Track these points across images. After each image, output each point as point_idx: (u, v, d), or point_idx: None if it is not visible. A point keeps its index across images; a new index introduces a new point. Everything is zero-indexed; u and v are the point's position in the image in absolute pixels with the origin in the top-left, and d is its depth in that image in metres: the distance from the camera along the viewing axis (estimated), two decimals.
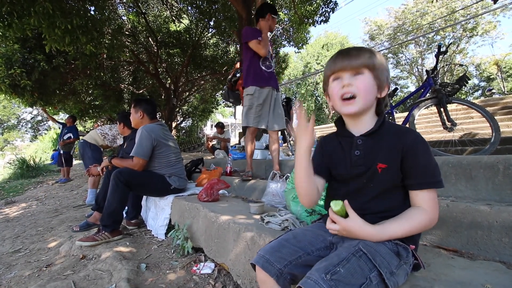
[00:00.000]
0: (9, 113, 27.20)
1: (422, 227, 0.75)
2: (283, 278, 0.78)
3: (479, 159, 1.30)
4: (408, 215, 0.76)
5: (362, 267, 0.67)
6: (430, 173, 0.76)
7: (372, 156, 0.82)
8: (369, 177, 0.82)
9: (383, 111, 0.87)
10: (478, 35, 17.89)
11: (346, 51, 0.83)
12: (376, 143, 0.83)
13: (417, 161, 0.77)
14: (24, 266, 1.85)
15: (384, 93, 0.83)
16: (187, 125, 20.90)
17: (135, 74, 11.24)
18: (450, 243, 1.09)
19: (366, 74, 0.80)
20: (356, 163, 0.84)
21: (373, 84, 0.81)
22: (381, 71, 0.81)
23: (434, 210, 0.76)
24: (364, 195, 0.83)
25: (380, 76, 0.81)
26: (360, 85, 0.80)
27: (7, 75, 5.07)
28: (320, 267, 0.67)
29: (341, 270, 0.64)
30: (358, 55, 0.80)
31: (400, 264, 0.72)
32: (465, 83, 2.55)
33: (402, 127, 0.84)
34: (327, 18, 7.96)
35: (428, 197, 0.76)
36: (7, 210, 4.00)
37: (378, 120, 0.84)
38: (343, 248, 0.73)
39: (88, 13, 4.55)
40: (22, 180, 7.04)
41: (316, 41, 27.72)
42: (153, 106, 2.46)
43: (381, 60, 0.82)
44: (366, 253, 0.69)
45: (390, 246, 0.73)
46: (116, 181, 2.03)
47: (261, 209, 1.63)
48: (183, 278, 1.50)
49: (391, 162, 0.79)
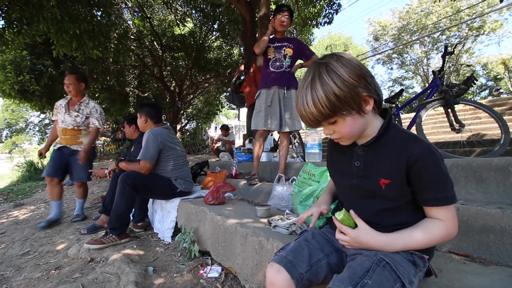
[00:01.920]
0: (17, 117, 27.72)
1: (439, 239, 0.70)
2: (302, 285, 0.75)
3: (489, 161, 1.28)
4: (424, 227, 0.71)
5: (388, 278, 0.64)
6: (443, 188, 0.69)
7: (373, 169, 0.76)
8: (373, 192, 0.76)
9: (388, 111, 0.78)
10: (484, 34, 17.68)
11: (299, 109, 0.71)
12: (378, 154, 0.75)
13: (425, 176, 0.69)
14: (33, 269, 1.87)
15: (369, 106, 0.70)
16: (192, 128, 21.02)
17: (140, 78, 11.38)
18: (462, 248, 1.07)
19: (339, 121, 0.70)
20: (356, 174, 0.79)
21: (352, 120, 0.70)
22: (347, 98, 0.66)
23: (451, 222, 0.70)
24: (370, 208, 0.77)
25: (350, 103, 0.67)
26: (340, 130, 0.72)
27: (16, 81, 5.17)
28: (344, 277, 0.64)
29: (369, 282, 0.62)
30: (312, 113, 0.68)
31: (416, 273, 0.70)
32: (473, 83, 2.52)
33: (410, 135, 0.74)
34: (331, 19, 7.97)
35: (443, 212, 0.70)
36: (16, 212, 4.06)
37: (381, 126, 0.75)
38: (365, 257, 0.70)
39: (95, 18, 4.63)
40: (30, 183, 7.14)
41: (319, 43, 27.70)
42: (157, 110, 2.46)
43: (339, 87, 0.65)
44: (389, 263, 0.66)
45: (405, 256, 0.71)
46: (123, 184, 2.05)
47: (268, 212, 1.63)
48: (190, 281, 1.50)
49: (395, 177, 0.72)
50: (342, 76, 0.66)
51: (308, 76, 0.70)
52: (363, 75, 0.68)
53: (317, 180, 1.62)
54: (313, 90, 0.67)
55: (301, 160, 3.35)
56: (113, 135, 16.55)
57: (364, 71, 0.69)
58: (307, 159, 2.65)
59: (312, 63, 0.73)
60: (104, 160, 12.75)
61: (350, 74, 0.66)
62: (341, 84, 0.65)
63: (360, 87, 0.67)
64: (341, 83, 0.65)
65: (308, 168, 1.74)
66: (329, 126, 0.72)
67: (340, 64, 0.67)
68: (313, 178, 1.65)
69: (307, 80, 0.69)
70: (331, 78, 0.66)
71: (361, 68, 0.68)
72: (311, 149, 2.66)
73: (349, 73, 0.66)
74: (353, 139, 0.76)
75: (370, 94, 0.69)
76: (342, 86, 0.65)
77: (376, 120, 0.76)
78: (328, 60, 0.69)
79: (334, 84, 0.65)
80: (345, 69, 0.66)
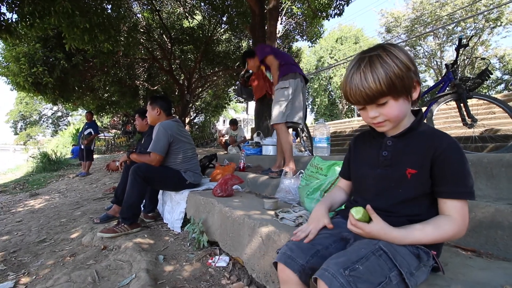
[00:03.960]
0: (31, 109, 28.43)
1: (448, 237, 0.73)
2: (305, 274, 0.78)
3: (501, 157, 1.27)
4: (435, 223, 0.73)
5: (382, 266, 0.66)
6: (462, 183, 0.72)
7: (400, 159, 0.80)
8: (398, 181, 0.79)
9: (421, 109, 0.84)
10: (501, 26, 16.97)
11: (356, 85, 0.74)
12: (407, 146, 0.79)
13: (448, 168, 0.73)
14: (49, 256, 1.96)
15: (416, 93, 0.77)
16: (200, 121, 21.15)
17: (149, 71, 11.48)
18: (469, 243, 1.07)
19: (390, 102, 0.74)
20: (383, 164, 0.83)
21: (402, 103, 0.75)
22: (404, 79, 0.72)
23: (462, 221, 0.72)
24: (391, 198, 0.81)
25: (406, 84, 0.73)
26: (387, 113, 0.76)
27: (30, 73, 5.29)
28: (338, 261, 0.67)
29: (360, 267, 0.64)
30: (371, 88, 0.72)
31: (420, 266, 0.71)
32: (487, 77, 2.45)
33: (439, 131, 0.79)
34: (341, 11, 7.80)
35: (457, 207, 0.72)
36: (32, 202, 4.22)
37: (414, 121, 0.80)
38: (362, 244, 0.72)
39: (105, 11, 4.67)
40: (44, 174, 7.37)
41: (329, 35, 27.18)
42: (169, 103, 2.52)
43: (399, 67, 0.71)
44: (386, 252, 0.68)
45: (411, 248, 0.72)
46: (134, 176, 2.10)
47: (275, 205, 1.65)
48: (199, 270, 1.55)
49: (421, 168, 0.76)
50: (400, 59, 0.72)
51: (363, 59, 0.74)
52: (414, 63, 0.75)
53: (324, 173, 1.63)
54: (373, 69, 0.72)
55: (309, 154, 3.35)
56: (123, 128, 16.84)
57: (413, 59, 0.77)
58: (315, 153, 2.64)
59: (366, 50, 0.77)
60: (115, 152, 13.01)
61: (407, 59, 0.73)
62: (400, 65, 0.72)
63: (413, 72, 0.74)
64: (400, 63, 0.72)
65: (315, 162, 1.75)
66: (377, 108, 0.76)
67: (398, 49, 0.74)
68: (321, 172, 1.66)
69: (364, 61, 0.74)
70: (391, 59, 0.72)
71: (412, 57, 0.76)
72: (319, 143, 2.65)
73: (406, 57, 0.73)
74: (395, 124, 0.79)
75: (419, 81, 0.77)
76: (401, 66, 0.72)
77: (410, 115, 0.82)
78: (385, 46, 0.76)
79: (394, 64, 0.71)
80: (403, 54, 0.74)
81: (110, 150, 14.40)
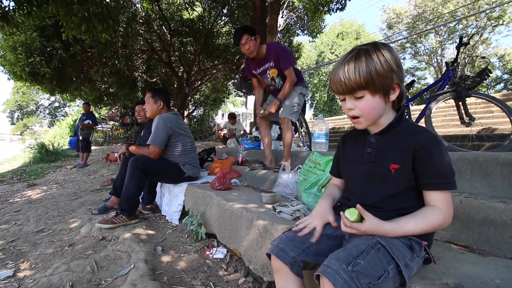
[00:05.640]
0: (28, 99, 28.15)
1: (436, 226, 0.76)
2: (297, 266, 0.82)
3: (497, 156, 1.28)
4: (423, 214, 0.76)
5: (381, 259, 0.68)
6: (442, 174, 0.75)
7: (383, 155, 0.83)
8: (383, 177, 0.83)
9: (401, 107, 0.86)
10: (503, 24, 16.90)
11: (339, 74, 0.78)
12: (389, 142, 0.83)
13: (429, 161, 0.76)
14: (48, 245, 1.97)
15: (394, 95, 0.80)
16: (199, 114, 21.07)
17: (148, 63, 11.36)
18: (462, 239, 1.10)
19: (367, 96, 0.78)
20: (368, 160, 0.86)
21: (377, 101, 0.78)
22: (384, 77, 0.75)
23: (448, 210, 0.75)
24: (378, 193, 0.83)
25: (385, 83, 0.76)
26: (362, 107, 0.79)
27: (27, 63, 5.22)
28: (339, 257, 0.68)
29: (362, 262, 0.66)
30: (350, 79, 0.76)
31: (413, 257, 0.74)
32: (487, 76, 2.46)
33: (420, 127, 0.83)
34: (344, 5, 7.74)
35: (441, 198, 0.76)
36: (29, 192, 4.22)
37: (394, 118, 0.84)
38: (360, 240, 0.74)
39: (104, 1, 4.60)
40: (42, 164, 7.35)
41: (330, 30, 26.98)
42: (169, 96, 2.53)
43: (382, 65, 0.75)
44: (384, 245, 0.70)
45: (404, 240, 0.75)
46: (133, 168, 2.11)
47: (273, 199, 1.67)
48: (197, 261, 1.57)
49: (404, 162, 0.79)
50: (386, 57, 0.76)
51: (352, 52, 0.78)
52: (399, 66, 0.78)
53: (322, 169, 1.64)
54: (357, 62, 0.76)
55: (307, 149, 3.36)
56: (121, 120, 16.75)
57: (400, 63, 0.79)
58: (314, 149, 2.66)
59: (361, 45, 0.80)
60: (112, 144, 12.97)
61: (392, 60, 0.76)
62: (384, 63, 0.75)
63: (395, 74, 0.77)
64: (384, 62, 0.75)
65: (314, 157, 1.76)
66: (355, 100, 0.79)
67: (387, 49, 0.77)
68: (319, 167, 1.67)
69: (352, 53, 0.78)
70: (377, 56, 0.75)
71: (399, 60, 0.79)
72: (317, 139, 2.66)
73: (392, 58, 0.76)
74: (369, 122, 0.83)
75: (400, 84, 0.79)
76: (384, 65, 0.75)
77: (391, 113, 0.85)
78: (377, 44, 0.79)
79: (378, 61, 0.75)
80: (390, 54, 0.77)
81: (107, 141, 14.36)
